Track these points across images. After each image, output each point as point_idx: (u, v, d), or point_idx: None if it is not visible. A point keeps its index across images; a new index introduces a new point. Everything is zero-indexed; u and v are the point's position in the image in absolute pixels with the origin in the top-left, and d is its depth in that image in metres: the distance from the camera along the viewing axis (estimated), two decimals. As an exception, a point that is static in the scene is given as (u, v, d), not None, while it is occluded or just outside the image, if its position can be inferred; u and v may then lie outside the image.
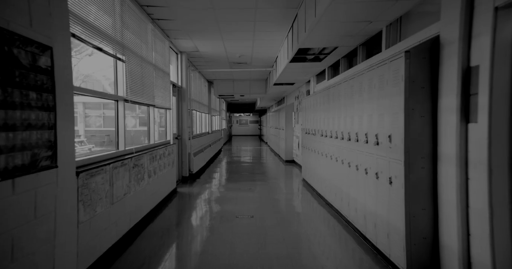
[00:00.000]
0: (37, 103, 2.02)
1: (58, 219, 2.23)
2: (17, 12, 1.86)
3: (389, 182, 2.84)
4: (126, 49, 3.86)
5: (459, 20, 2.24)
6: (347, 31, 3.82)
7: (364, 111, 3.40)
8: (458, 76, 2.26)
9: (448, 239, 2.39)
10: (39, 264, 2.02)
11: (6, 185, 1.75)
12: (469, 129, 2.23)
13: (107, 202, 3.08)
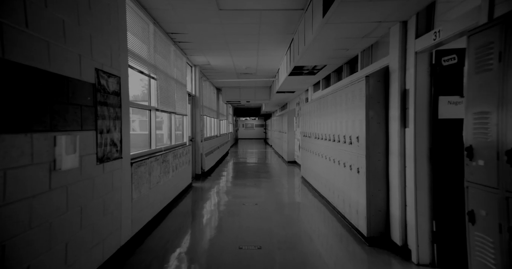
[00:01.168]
0: (113, 115, 3.06)
1: (122, 193, 3.27)
2: (106, 56, 2.91)
3: (357, 171, 3.83)
4: (157, 69, 4.91)
5: (398, 57, 3.24)
6: (331, 55, 4.83)
7: (343, 118, 4.39)
8: (399, 95, 3.26)
9: (394, 210, 3.37)
10: (114, 220, 3.06)
11: (100, 167, 2.79)
12: (405, 132, 3.22)
13: (147, 187, 4.12)
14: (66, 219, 2.27)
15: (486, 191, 1.70)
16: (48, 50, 2.07)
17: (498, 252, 1.62)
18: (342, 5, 2.79)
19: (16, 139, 1.78)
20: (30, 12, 1.91)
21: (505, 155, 1.56)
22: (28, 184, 1.88)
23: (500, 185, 1.60)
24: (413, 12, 2.99)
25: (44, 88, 2.02)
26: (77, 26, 2.43)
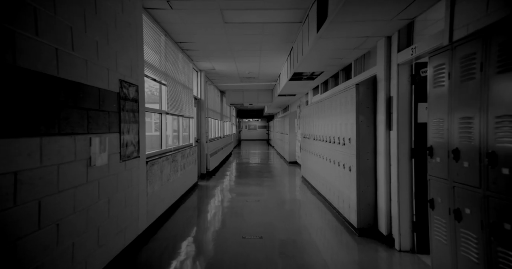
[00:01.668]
0: (132, 119, 3.50)
1: (139, 188, 3.70)
2: (127, 68, 3.36)
3: (349, 170, 4.24)
4: (167, 76, 5.36)
5: (383, 68, 3.66)
6: (327, 63, 5.25)
7: (338, 121, 4.81)
8: (384, 101, 3.67)
9: (381, 204, 3.78)
10: (132, 212, 3.50)
11: (122, 164, 3.23)
12: (390, 135, 3.64)
13: (159, 184, 4.56)
14: (98, 207, 2.71)
15: (441, 182, 2.11)
16: (86, 67, 2.52)
17: (448, 230, 2.03)
18: (332, 24, 3.21)
19: (66, 140, 2.22)
20: (75, 37, 2.35)
21: (452, 153, 1.97)
22: (72, 176, 2.32)
23: (450, 177, 2.00)
24: (396, 29, 3.41)
25: (84, 98, 2.46)
26: (106, 45, 2.87)
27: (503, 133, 1.56)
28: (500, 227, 1.59)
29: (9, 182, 1.71)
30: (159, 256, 3.36)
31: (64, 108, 2.21)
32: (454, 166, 1.96)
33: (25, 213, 1.84)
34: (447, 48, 2.07)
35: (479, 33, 1.74)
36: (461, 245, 1.90)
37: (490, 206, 1.67)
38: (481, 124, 1.72)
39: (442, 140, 2.10)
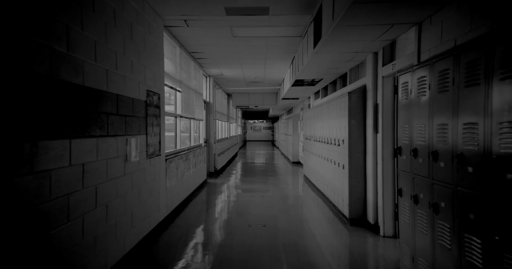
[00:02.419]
0: (155, 122, 4.12)
1: (160, 182, 4.32)
2: (152, 80, 3.97)
3: (343, 167, 4.81)
4: (182, 83, 5.98)
5: (371, 79, 4.23)
6: (325, 72, 5.83)
7: (334, 124, 5.38)
8: (372, 108, 4.24)
9: (369, 197, 4.35)
10: (155, 202, 4.11)
11: (148, 161, 3.84)
12: (377, 137, 4.20)
13: (175, 179, 5.17)
14: (132, 196, 3.33)
15: (406, 175, 2.67)
16: (124, 82, 3.14)
17: (410, 211, 2.59)
18: (325, 42, 3.79)
19: (111, 140, 2.84)
20: (118, 59, 2.97)
21: (412, 151, 2.54)
22: (115, 169, 2.93)
23: (411, 170, 2.57)
24: (381, 47, 3.98)
25: (122, 107, 3.08)
26: (138, 62, 3.49)
27: (443, 135, 2.12)
28: (437, 206, 2.15)
29: (79, 171, 2.33)
30: (178, 239, 3.97)
31: (110, 115, 2.83)
32: (414, 162, 2.53)
33: (89, 194, 2.46)
34: (408, 70, 2.64)
35: (433, 58, 2.30)
36: (417, 222, 2.46)
37: (434, 191, 2.23)
38: (430, 130, 2.28)
39: (407, 142, 2.67)
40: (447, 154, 2.09)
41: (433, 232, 2.26)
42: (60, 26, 2.12)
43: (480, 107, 1.78)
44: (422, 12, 2.77)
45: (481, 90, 1.78)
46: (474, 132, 1.83)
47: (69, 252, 2.22)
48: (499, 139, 1.64)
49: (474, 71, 1.84)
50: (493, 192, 1.68)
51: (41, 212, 1.92)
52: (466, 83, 1.92)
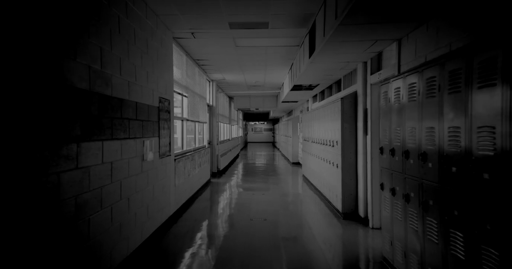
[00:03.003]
0: (166, 126, 4.57)
1: (170, 181, 4.76)
2: (163, 88, 4.42)
3: (336, 166, 5.25)
4: (188, 89, 6.43)
5: (361, 86, 4.68)
6: (321, 78, 6.27)
7: (329, 127, 5.82)
8: (362, 112, 4.68)
9: (360, 193, 4.78)
10: (166, 198, 4.56)
11: (160, 161, 4.29)
12: (366, 138, 4.64)
13: (183, 178, 5.62)
14: (147, 191, 3.77)
15: (386, 171, 3.11)
16: (141, 91, 3.59)
17: (390, 203, 3.03)
18: (319, 54, 4.24)
19: (131, 142, 3.29)
20: (137, 71, 3.42)
21: (390, 151, 2.97)
22: (134, 167, 3.38)
23: (390, 167, 3.01)
24: (369, 57, 4.42)
25: (140, 112, 3.53)
26: (152, 73, 3.95)
27: (411, 138, 2.56)
28: (408, 196, 2.58)
29: (109, 168, 2.78)
30: (186, 231, 4.41)
31: (131, 120, 3.28)
32: (392, 160, 2.97)
33: (116, 187, 2.91)
34: (387, 81, 3.08)
35: (406, 72, 2.73)
36: (394, 211, 2.89)
37: (406, 184, 2.67)
38: (404, 132, 2.72)
39: (387, 143, 3.11)
40: (415, 153, 2.53)
41: (406, 218, 2.69)
42: (95, 48, 2.57)
43: (435, 115, 2.22)
44: (399, 31, 3.21)
45: (435, 102, 2.23)
46: (433, 134, 2.27)
47: (102, 235, 2.66)
48: (447, 141, 2.08)
49: (432, 85, 2.29)
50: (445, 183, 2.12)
51: (83, 200, 2.37)
52: (427, 94, 2.36)
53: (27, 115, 1.81)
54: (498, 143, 1.65)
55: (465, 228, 1.92)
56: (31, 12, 1.86)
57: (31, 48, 1.85)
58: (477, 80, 1.82)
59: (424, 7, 2.58)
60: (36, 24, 1.90)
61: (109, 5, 2.81)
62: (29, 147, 1.82)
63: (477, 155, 1.81)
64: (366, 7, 2.59)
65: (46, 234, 1.97)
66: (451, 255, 2.06)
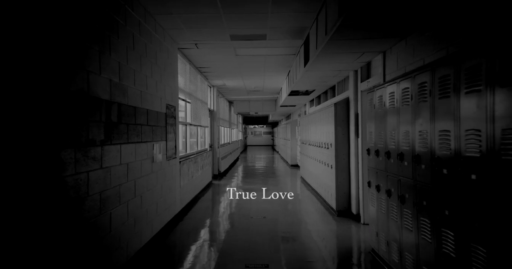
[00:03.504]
0: (172, 130, 4.93)
1: (176, 181, 5.12)
2: (170, 95, 4.80)
3: (331, 167, 5.61)
4: (191, 96, 6.81)
5: (353, 93, 5.05)
6: (316, 84, 6.66)
7: (324, 130, 6.19)
8: (354, 117, 5.05)
9: (352, 192, 5.14)
10: (173, 197, 4.91)
11: (167, 162, 4.65)
12: (358, 141, 5.01)
13: (187, 179, 5.97)
14: (157, 190, 4.13)
15: (372, 170, 3.47)
16: (152, 99, 3.96)
17: (376, 199, 3.39)
18: (313, 63, 4.62)
19: (143, 145, 3.65)
20: (148, 81, 3.79)
21: (375, 152, 3.34)
22: (146, 168, 3.74)
23: (375, 167, 3.37)
24: (359, 66, 4.80)
25: (150, 118, 3.90)
26: (160, 82, 4.32)
27: (392, 140, 2.92)
28: (389, 191, 2.94)
29: (125, 168, 3.14)
30: (192, 227, 4.76)
31: (143, 125, 3.65)
32: (377, 160, 3.33)
33: (131, 186, 3.27)
34: (372, 89, 3.46)
35: (388, 82, 3.11)
36: (379, 205, 3.25)
37: (388, 181, 3.03)
38: (384, 135, 3.08)
39: (372, 145, 3.47)
40: (395, 153, 2.89)
41: (388, 211, 3.06)
42: (115, 63, 2.95)
43: (410, 120, 2.60)
44: (383, 44, 3.60)
45: (409, 109, 2.60)
46: (407, 137, 2.64)
47: (120, 228, 3.01)
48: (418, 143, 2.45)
49: (406, 96, 2.66)
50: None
51: (106, 195, 2.73)
52: (402, 103, 2.73)
53: (64, 122, 2.17)
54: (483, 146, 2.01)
55: (430, 216, 2.28)
56: (68, 39, 2.23)
57: (69, 71, 2.22)
58: (438, 92, 2.19)
59: (398, 27, 2.97)
60: (72, 45, 2.27)
61: (125, 24, 3.19)
62: (68, 150, 2.18)
63: (441, 156, 2.18)
64: (351, 25, 2.98)
65: (78, 224, 2.32)
66: (422, 239, 2.42)
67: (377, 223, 3.39)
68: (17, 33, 1.78)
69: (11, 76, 1.74)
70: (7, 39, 1.72)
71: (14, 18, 1.76)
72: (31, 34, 1.88)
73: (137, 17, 3.50)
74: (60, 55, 2.14)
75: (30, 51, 1.87)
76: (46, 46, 2.01)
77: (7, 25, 1.72)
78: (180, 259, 3.58)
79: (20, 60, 1.80)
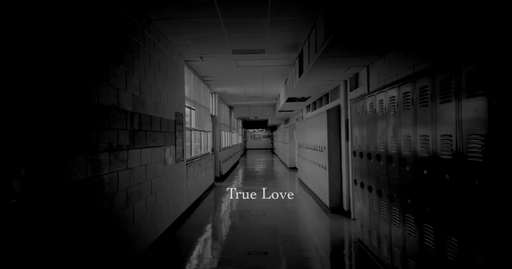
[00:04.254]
0: (180, 136, 5.45)
1: (183, 182, 5.63)
2: (178, 104, 5.32)
3: (324, 168, 6.13)
4: (195, 103, 7.34)
5: (343, 100, 5.59)
6: (311, 92, 7.20)
7: (318, 134, 6.72)
8: (344, 122, 5.58)
9: (344, 190, 5.66)
10: (181, 196, 5.42)
11: (176, 165, 5.17)
12: (348, 144, 5.54)
13: (192, 180, 6.48)
14: (168, 190, 4.64)
15: (357, 170, 3.99)
16: (164, 108, 4.48)
17: (361, 194, 3.90)
18: (306, 75, 5.15)
19: (157, 149, 4.17)
20: (162, 93, 4.33)
21: (359, 154, 3.87)
22: (159, 169, 4.25)
23: (361, 166, 3.89)
24: (348, 77, 5.35)
25: (162, 125, 4.42)
26: (170, 93, 4.86)
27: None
28: (370, 187, 3.46)
29: (144, 169, 3.66)
30: (198, 223, 5.26)
31: (157, 132, 4.17)
32: (360, 160, 3.85)
33: (148, 184, 3.78)
34: (357, 99, 3.99)
35: (375, 91, 3.63)
36: (362, 199, 3.76)
37: (369, 178, 3.55)
38: (364, 139, 3.60)
39: (357, 147, 4.00)
40: (374, 154, 3.42)
41: (370, 203, 3.58)
42: (136, 80, 3.48)
43: (383, 128, 3.13)
44: (366, 60, 4.14)
45: (383, 118, 3.13)
46: (383, 141, 3.17)
47: (140, 220, 3.52)
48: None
49: (381, 106, 3.19)
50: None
51: (130, 192, 3.25)
52: (379, 112, 3.26)
53: (102, 131, 2.70)
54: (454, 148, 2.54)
55: (399, 205, 2.80)
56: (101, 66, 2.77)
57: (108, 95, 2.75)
58: (402, 105, 2.73)
59: (377, 47, 3.51)
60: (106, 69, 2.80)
61: (144, 46, 3.73)
62: (105, 153, 2.70)
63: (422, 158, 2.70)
64: (336, 47, 3.52)
65: (111, 215, 2.84)
66: (393, 226, 2.93)
67: (361, 215, 3.90)
68: (72, 64, 2.31)
69: (67, 100, 2.26)
70: (67, 71, 2.24)
71: (73, 54, 2.29)
72: (83, 64, 2.42)
73: (152, 38, 4.04)
74: (100, 75, 2.67)
75: (79, 78, 2.40)
76: (88, 67, 2.54)
77: (70, 62, 2.25)
78: (190, 249, 4.08)
79: (73, 87, 2.33)
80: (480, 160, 1.79)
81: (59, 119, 2.14)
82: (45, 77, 2.02)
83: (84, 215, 2.42)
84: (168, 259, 3.72)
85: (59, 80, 2.16)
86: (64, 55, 2.22)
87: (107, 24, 2.84)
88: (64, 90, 2.21)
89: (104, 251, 2.70)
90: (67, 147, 2.22)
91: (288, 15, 3.97)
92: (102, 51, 2.75)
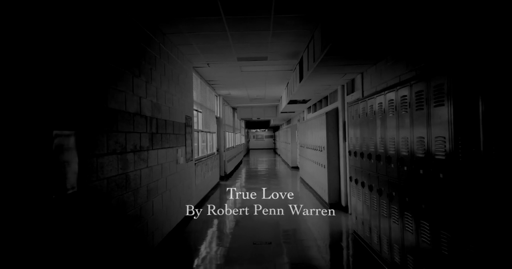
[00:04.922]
0: (189, 137, 5.88)
1: (192, 180, 6.07)
2: (187, 108, 5.76)
3: (324, 167, 6.54)
4: (202, 106, 7.77)
5: (341, 104, 6.01)
6: (311, 95, 7.62)
7: (318, 135, 7.13)
8: (342, 124, 6.00)
9: (342, 187, 6.07)
10: (191, 193, 5.85)
11: (186, 164, 5.60)
12: (345, 144, 5.95)
13: (200, 179, 6.92)
14: (180, 187, 5.07)
15: (352, 167, 4.40)
16: (176, 112, 4.92)
17: (356, 190, 4.32)
18: (306, 80, 5.57)
19: (171, 150, 4.60)
20: (174, 99, 4.76)
21: (354, 153, 4.28)
22: (173, 168, 4.69)
23: (355, 164, 4.31)
24: (345, 82, 5.76)
25: (175, 128, 4.85)
26: (181, 98, 5.29)
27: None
28: (363, 183, 3.87)
29: (160, 168, 4.09)
30: (207, 218, 5.69)
31: (171, 134, 4.60)
32: (355, 159, 4.27)
33: (164, 181, 4.22)
34: (352, 103, 4.40)
35: (367, 96, 4.04)
36: (356, 193, 4.17)
37: (362, 175, 3.96)
38: (358, 140, 4.01)
39: (352, 147, 4.41)
40: (365, 153, 3.83)
41: (363, 197, 3.99)
42: (153, 88, 3.91)
43: (374, 130, 3.54)
44: (360, 68, 4.55)
45: (373, 121, 3.55)
46: (373, 142, 3.58)
47: (158, 213, 3.96)
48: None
49: (372, 110, 3.61)
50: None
51: (150, 187, 3.68)
52: (368, 116, 3.68)
53: (129, 135, 3.13)
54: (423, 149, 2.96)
55: (386, 197, 3.21)
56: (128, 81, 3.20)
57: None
58: (389, 111, 3.14)
59: (369, 56, 3.93)
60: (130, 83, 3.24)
61: (160, 57, 4.17)
62: (131, 153, 3.13)
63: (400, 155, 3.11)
64: (332, 57, 3.93)
65: (136, 208, 3.27)
66: (382, 216, 3.35)
67: (356, 209, 4.32)
68: (103, 79, 2.75)
69: (105, 109, 2.69)
70: (99, 86, 2.67)
71: (103, 70, 2.73)
72: (111, 77, 2.85)
73: (166, 50, 4.48)
74: (126, 86, 3.11)
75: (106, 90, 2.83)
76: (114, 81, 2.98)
77: (101, 80, 2.68)
78: (201, 240, 4.51)
79: (100, 99, 2.76)
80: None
81: (101, 126, 2.58)
82: (91, 91, 2.46)
83: (115, 206, 2.85)
84: (183, 248, 4.16)
85: (99, 92, 2.60)
86: (100, 68, 2.66)
87: (132, 41, 3.27)
88: (101, 100, 2.64)
89: (131, 239, 3.14)
90: (104, 149, 2.65)
91: (289, 28, 4.39)
92: (129, 65, 3.18)
